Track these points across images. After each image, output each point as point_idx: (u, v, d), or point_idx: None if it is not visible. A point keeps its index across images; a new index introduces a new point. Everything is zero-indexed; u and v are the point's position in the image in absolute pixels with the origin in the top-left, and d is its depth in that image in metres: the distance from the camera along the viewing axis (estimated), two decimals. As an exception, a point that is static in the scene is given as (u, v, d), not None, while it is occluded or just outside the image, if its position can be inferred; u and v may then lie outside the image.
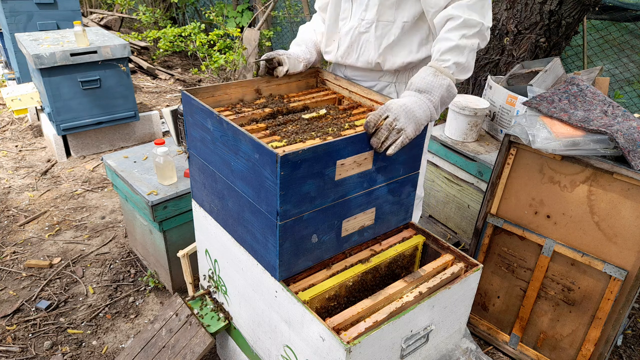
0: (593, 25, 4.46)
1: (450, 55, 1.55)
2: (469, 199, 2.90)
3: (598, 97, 2.07)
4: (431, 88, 1.51)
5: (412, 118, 1.44)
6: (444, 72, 1.54)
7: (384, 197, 1.58)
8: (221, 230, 1.70)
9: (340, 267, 1.55)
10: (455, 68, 1.56)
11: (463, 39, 1.56)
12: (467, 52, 1.57)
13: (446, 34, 1.58)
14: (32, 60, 3.56)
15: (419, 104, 1.48)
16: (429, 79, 1.52)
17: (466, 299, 1.60)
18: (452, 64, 1.55)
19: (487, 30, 1.62)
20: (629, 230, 1.84)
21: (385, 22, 1.77)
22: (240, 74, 5.63)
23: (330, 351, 1.29)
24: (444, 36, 1.59)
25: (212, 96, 1.69)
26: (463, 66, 1.58)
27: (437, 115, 1.54)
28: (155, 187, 2.34)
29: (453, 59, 1.55)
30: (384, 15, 1.76)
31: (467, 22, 1.56)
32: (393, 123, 1.40)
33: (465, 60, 1.57)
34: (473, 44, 1.58)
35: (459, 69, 1.57)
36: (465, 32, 1.56)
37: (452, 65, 1.55)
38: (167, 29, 5.53)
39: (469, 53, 1.58)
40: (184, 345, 1.87)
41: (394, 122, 1.41)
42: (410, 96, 1.50)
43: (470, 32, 1.56)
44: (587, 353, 2.06)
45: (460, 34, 1.56)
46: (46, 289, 2.68)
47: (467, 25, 1.56)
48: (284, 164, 1.25)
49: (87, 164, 4.06)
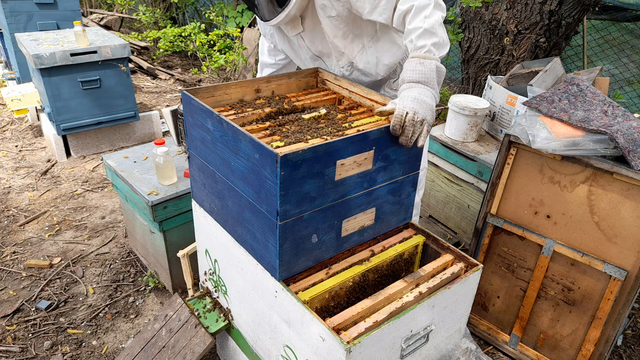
0: (593, 25, 4.46)
1: (425, 40, 1.57)
2: (469, 199, 2.90)
3: (598, 97, 2.07)
4: (425, 76, 1.55)
5: (426, 106, 1.49)
6: (427, 57, 1.57)
7: (384, 197, 1.58)
8: (221, 230, 1.70)
9: (340, 267, 1.55)
10: (434, 49, 1.58)
11: (426, 20, 1.58)
12: (437, 28, 1.59)
13: (410, 26, 1.61)
14: (32, 60, 3.56)
15: (424, 92, 1.52)
16: (419, 68, 1.55)
17: (466, 299, 1.60)
18: (430, 45, 1.57)
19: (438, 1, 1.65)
20: (629, 230, 1.84)
21: (359, 55, 1.93)
22: (240, 74, 5.63)
23: (330, 351, 1.29)
24: (409, 28, 1.61)
25: (212, 96, 1.69)
26: (440, 43, 1.60)
27: (438, 98, 1.59)
28: (155, 187, 2.34)
29: (428, 42, 1.57)
30: (353, 51, 1.91)
31: (419, 5, 1.59)
32: (414, 117, 1.46)
33: (439, 37, 1.59)
34: (436, 19, 1.60)
35: (438, 47, 1.60)
36: (424, 13, 1.59)
37: (430, 48, 1.57)
38: (167, 29, 5.53)
39: (438, 28, 1.60)
40: (184, 345, 1.86)
41: (415, 116, 1.46)
42: (411, 89, 1.53)
43: (428, 12, 1.59)
44: (587, 353, 2.06)
45: (421, 18, 1.59)
46: (46, 289, 2.68)
47: (420, 7, 1.59)
48: (284, 164, 1.25)
49: (87, 164, 4.06)
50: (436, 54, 1.58)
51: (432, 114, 1.51)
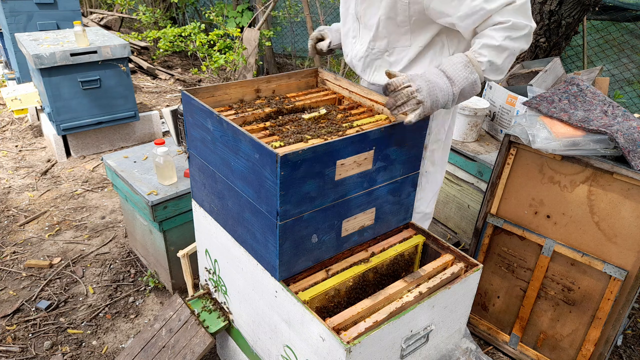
0: (593, 25, 4.46)
1: (488, 52, 1.51)
2: (469, 199, 2.90)
3: (598, 97, 2.07)
4: (457, 77, 1.49)
5: (433, 96, 1.44)
6: (476, 65, 1.51)
7: (384, 197, 1.58)
8: (221, 230, 1.70)
9: (340, 267, 1.55)
10: (488, 66, 1.52)
11: (507, 40, 1.50)
12: (507, 54, 1.52)
13: (491, 32, 1.52)
14: (32, 60, 3.56)
15: (442, 87, 1.47)
16: (459, 67, 1.50)
17: (466, 299, 1.60)
18: (487, 61, 1.51)
19: (532, 32, 1.56)
20: (629, 230, 1.84)
21: (401, 48, 1.71)
22: (240, 74, 5.63)
23: (330, 351, 1.29)
24: (488, 33, 1.52)
25: (212, 96, 1.68)
26: (497, 67, 1.53)
27: (452, 105, 1.53)
28: (155, 187, 2.34)
29: (490, 56, 1.51)
30: (399, 41, 1.70)
31: (516, 24, 1.49)
32: (414, 93, 1.41)
33: (501, 62, 1.53)
34: (516, 47, 1.53)
35: (492, 68, 1.53)
36: (511, 34, 1.50)
37: (486, 62, 1.51)
38: (167, 29, 5.52)
39: (507, 56, 1.53)
40: (184, 345, 1.86)
41: (415, 93, 1.41)
42: (436, 75, 1.49)
43: (516, 35, 1.50)
44: (587, 353, 2.06)
45: (506, 35, 1.50)
46: (46, 289, 2.68)
47: (515, 27, 1.50)
48: (284, 164, 1.25)
49: (87, 164, 4.06)
50: (486, 71, 1.53)
51: (432, 107, 1.46)
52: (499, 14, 1.49)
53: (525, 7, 1.51)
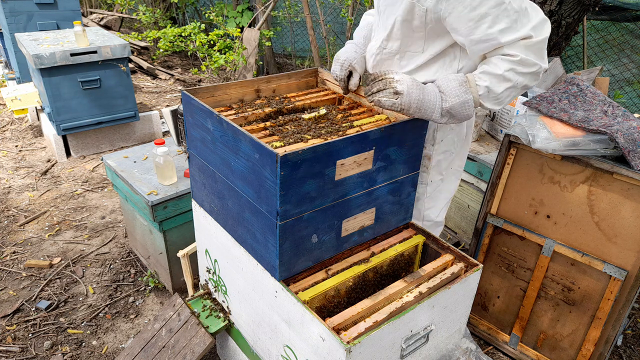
0: (593, 25, 4.46)
1: (488, 78, 1.46)
2: (469, 199, 2.90)
3: (598, 97, 2.07)
4: (449, 93, 1.47)
5: (417, 97, 1.41)
6: (472, 87, 1.47)
7: (384, 197, 1.58)
8: (221, 230, 1.70)
9: (340, 267, 1.55)
10: (485, 92, 1.47)
11: (511, 72, 1.45)
12: (508, 86, 1.47)
13: (497, 60, 1.47)
14: (32, 60, 3.56)
15: (432, 94, 1.45)
16: (453, 84, 1.47)
17: (466, 299, 1.60)
18: (485, 86, 1.47)
19: (542, 72, 1.50)
20: (629, 230, 1.84)
21: (412, 53, 1.64)
22: (240, 74, 5.63)
23: (330, 351, 1.29)
24: (494, 61, 1.47)
25: (212, 96, 1.69)
26: (495, 95, 1.48)
27: (439, 120, 1.50)
28: (155, 187, 2.34)
29: (488, 83, 1.46)
30: (412, 46, 1.63)
31: (524, 61, 1.44)
32: (393, 82, 1.39)
33: (500, 91, 1.47)
34: (519, 81, 1.47)
35: (490, 96, 1.48)
36: (517, 68, 1.45)
37: (484, 87, 1.47)
38: (167, 29, 5.52)
39: (508, 88, 1.48)
40: (184, 345, 1.86)
41: (394, 82, 1.38)
42: (429, 85, 1.47)
43: (522, 70, 1.45)
44: (587, 353, 2.06)
45: (510, 67, 1.45)
46: (46, 289, 2.68)
47: (523, 63, 1.44)
48: (284, 164, 1.25)
49: (87, 164, 4.06)
50: (482, 97, 1.48)
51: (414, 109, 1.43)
52: (509, 47, 1.44)
53: (540, 46, 1.44)
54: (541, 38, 1.43)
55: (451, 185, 1.98)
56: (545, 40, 1.44)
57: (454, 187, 2.00)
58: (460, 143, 1.86)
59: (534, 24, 1.42)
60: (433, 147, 1.79)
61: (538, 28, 1.43)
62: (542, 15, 1.44)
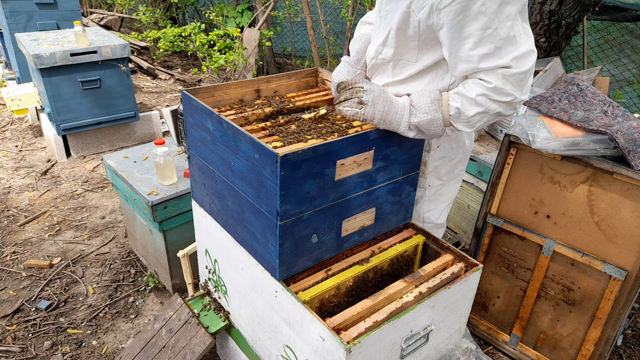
0: (593, 25, 4.46)
1: (460, 100, 1.44)
2: (469, 199, 2.90)
3: (598, 97, 2.07)
4: (419, 109, 1.45)
5: (382, 108, 1.41)
6: (443, 106, 1.46)
7: (384, 197, 1.58)
8: (221, 230, 1.70)
9: (340, 267, 1.55)
10: (456, 113, 1.45)
11: (483, 97, 1.41)
12: (479, 110, 1.44)
13: (471, 84, 1.44)
14: (32, 60, 3.56)
15: (399, 107, 1.44)
16: (425, 100, 1.46)
17: (466, 299, 1.60)
18: (456, 107, 1.44)
19: (519, 103, 1.45)
20: (629, 230, 1.84)
21: (405, 62, 1.63)
22: (240, 74, 5.63)
23: (330, 351, 1.29)
24: (469, 83, 1.45)
25: (212, 96, 1.69)
26: (466, 118, 1.46)
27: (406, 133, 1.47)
28: (155, 187, 2.34)
29: (459, 104, 1.44)
30: (405, 54, 1.61)
31: (498, 89, 1.39)
32: (360, 92, 1.40)
33: (471, 115, 1.45)
34: (492, 108, 1.43)
35: (461, 118, 1.46)
36: (490, 95, 1.41)
37: (454, 108, 1.45)
38: (167, 29, 5.53)
39: (479, 113, 1.44)
40: (184, 345, 1.87)
41: (360, 92, 1.40)
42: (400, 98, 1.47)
43: (495, 97, 1.41)
44: (587, 353, 2.06)
45: (482, 92, 1.41)
46: (46, 289, 2.68)
47: (496, 91, 1.40)
48: (284, 164, 1.25)
49: (87, 164, 4.06)
50: (452, 118, 1.46)
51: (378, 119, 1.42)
52: (487, 73, 1.40)
53: (519, 77, 1.39)
54: (521, 70, 1.39)
55: (452, 189, 1.97)
56: (526, 73, 1.40)
57: (456, 191, 1.99)
58: (460, 149, 1.85)
59: (517, 55, 1.38)
60: (429, 154, 1.77)
61: (521, 59, 1.39)
62: (530, 47, 1.40)
